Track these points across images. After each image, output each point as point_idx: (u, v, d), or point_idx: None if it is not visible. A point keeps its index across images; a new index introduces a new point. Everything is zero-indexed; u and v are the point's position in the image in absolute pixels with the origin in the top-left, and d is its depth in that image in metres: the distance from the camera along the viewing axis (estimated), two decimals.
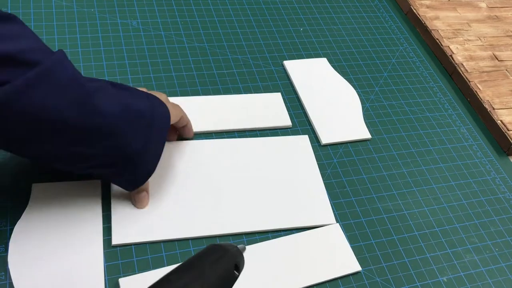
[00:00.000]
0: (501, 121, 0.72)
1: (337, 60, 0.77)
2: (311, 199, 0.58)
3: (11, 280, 0.46)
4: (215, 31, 0.76)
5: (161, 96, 0.54)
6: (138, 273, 0.49)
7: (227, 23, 0.78)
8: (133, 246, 0.51)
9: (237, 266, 0.37)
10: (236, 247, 0.38)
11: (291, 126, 0.66)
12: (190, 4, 0.80)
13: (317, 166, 0.62)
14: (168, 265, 0.51)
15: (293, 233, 0.55)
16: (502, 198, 0.65)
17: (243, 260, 0.38)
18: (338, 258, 0.54)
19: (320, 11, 0.85)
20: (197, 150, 0.60)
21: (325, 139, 0.65)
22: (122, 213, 0.53)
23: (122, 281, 0.48)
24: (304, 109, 0.69)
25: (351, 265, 0.54)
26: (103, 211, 0.53)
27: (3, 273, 0.47)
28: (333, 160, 0.64)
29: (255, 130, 0.65)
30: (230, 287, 0.36)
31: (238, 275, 0.37)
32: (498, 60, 0.82)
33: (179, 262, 0.52)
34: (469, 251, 0.59)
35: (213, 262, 0.35)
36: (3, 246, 0.49)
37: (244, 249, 0.39)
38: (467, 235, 0.60)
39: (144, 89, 0.53)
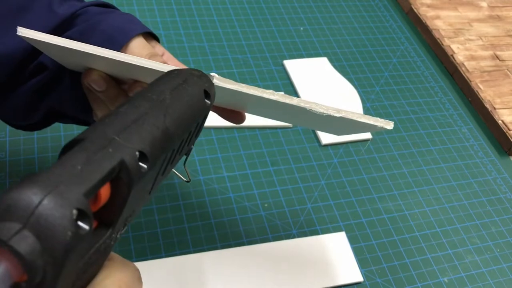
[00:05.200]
0: (502, 121, 0.72)
1: (337, 60, 0.77)
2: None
3: None
4: (215, 30, 0.76)
5: None
6: (136, 260, 0.49)
7: (227, 22, 0.78)
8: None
9: (207, 92, 0.29)
10: (202, 72, 0.31)
11: (291, 127, 0.66)
12: (190, 3, 0.79)
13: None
14: (165, 252, 0.51)
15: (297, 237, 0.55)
16: (503, 198, 0.65)
17: (214, 87, 0.31)
18: (341, 266, 0.53)
19: (320, 10, 0.85)
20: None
21: (325, 139, 0.65)
22: None
23: None
24: None
25: (354, 275, 0.53)
26: None
27: None
28: (334, 160, 0.64)
29: (255, 128, 0.65)
30: (202, 118, 0.30)
31: (210, 104, 0.30)
32: (499, 60, 0.82)
33: (176, 250, 0.52)
34: (470, 251, 0.58)
35: (174, 88, 0.27)
36: None
37: (212, 78, 0.32)
38: (468, 236, 0.60)
39: None
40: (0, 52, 0.39)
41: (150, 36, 0.42)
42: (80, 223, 0.18)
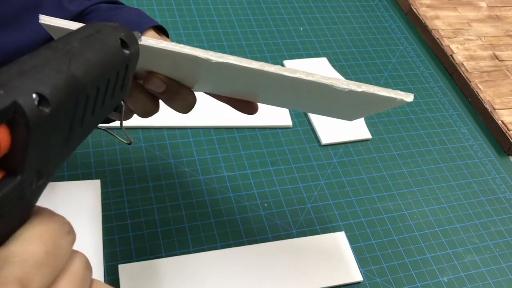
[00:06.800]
0: (501, 121, 0.72)
1: (337, 60, 0.77)
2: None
3: None
4: (215, 30, 0.76)
5: None
6: (136, 260, 0.49)
7: (227, 22, 0.78)
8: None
9: (124, 41, 0.28)
10: (121, 25, 0.30)
11: (291, 126, 0.66)
12: (190, 4, 0.80)
13: None
14: (165, 252, 0.51)
15: (298, 236, 0.55)
16: (502, 198, 0.65)
17: (135, 39, 0.29)
18: (340, 266, 0.54)
19: (320, 10, 0.85)
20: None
21: (325, 139, 0.65)
22: None
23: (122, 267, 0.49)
24: None
25: (354, 275, 0.53)
26: (103, 211, 0.53)
27: None
28: (333, 160, 0.64)
29: (255, 128, 0.65)
30: (124, 69, 0.28)
31: (130, 54, 0.28)
32: (499, 60, 0.82)
33: (176, 250, 0.52)
34: (469, 251, 0.58)
35: (84, 37, 0.26)
36: None
37: (139, 36, 0.31)
38: (467, 235, 0.60)
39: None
40: (11, 49, 0.39)
41: (160, 30, 0.43)
42: None
